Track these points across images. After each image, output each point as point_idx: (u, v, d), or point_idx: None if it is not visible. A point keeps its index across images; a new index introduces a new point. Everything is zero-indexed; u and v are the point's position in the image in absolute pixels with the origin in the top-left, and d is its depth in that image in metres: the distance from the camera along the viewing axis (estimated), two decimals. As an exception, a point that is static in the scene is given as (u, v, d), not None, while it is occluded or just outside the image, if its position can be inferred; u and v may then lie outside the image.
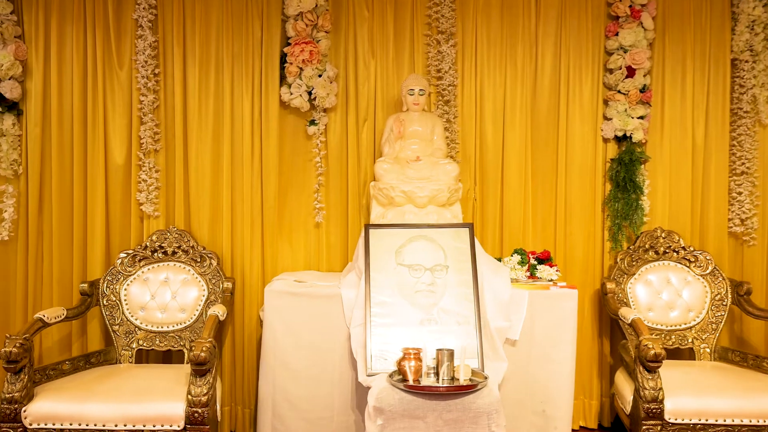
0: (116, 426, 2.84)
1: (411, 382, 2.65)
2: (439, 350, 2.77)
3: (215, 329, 3.06)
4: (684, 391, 3.04)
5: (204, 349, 2.81)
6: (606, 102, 3.85)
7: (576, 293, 3.18)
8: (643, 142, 3.85)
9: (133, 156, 3.72)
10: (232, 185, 3.76)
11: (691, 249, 3.76)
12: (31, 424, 2.83)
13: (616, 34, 3.78)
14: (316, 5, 3.65)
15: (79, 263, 3.69)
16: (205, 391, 2.83)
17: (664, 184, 3.89)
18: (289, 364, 3.14)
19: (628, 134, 3.79)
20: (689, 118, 3.87)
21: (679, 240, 3.78)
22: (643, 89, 3.79)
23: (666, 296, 3.68)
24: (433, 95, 3.82)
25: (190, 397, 2.82)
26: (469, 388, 2.62)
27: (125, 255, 3.60)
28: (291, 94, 3.68)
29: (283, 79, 3.74)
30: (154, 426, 2.84)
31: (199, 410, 2.82)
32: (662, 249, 3.76)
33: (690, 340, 3.64)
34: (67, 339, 3.71)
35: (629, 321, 3.24)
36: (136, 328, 3.50)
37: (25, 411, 2.82)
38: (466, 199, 3.85)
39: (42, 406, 2.84)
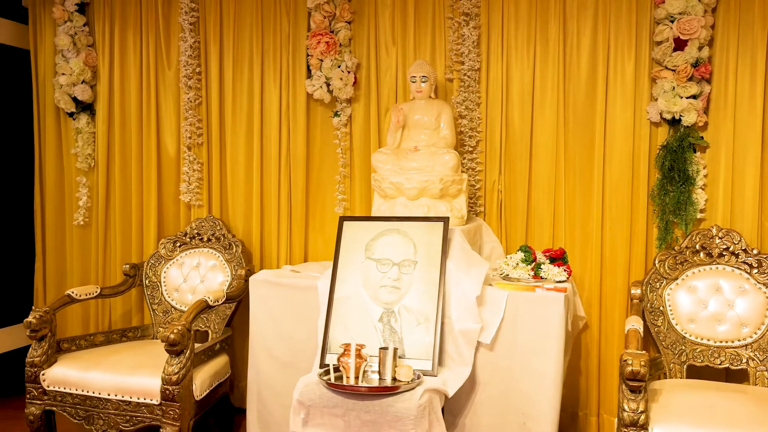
0: (109, 395, 3.14)
1: (332, 380, 2.58)
2: (382, 349, 2.67)
3: (198, 313, 3.22)
4: (685, 418, 2.57)
5: (175, 332, 2.99)
6: (654, 80, 3.35)
7: (562, 297, 2.82)
8: (699, 125, 3.28)
9: (180, 150, 4.04)
10: (261, 177, 3.91)
11: (755, 252, 3.15)
12: (48, 386, 3.23)
13: (664, 2, 3.26)
14: (332, -5, 3.65)
15: (137, 246, 4.10)
16: (176, 371, 3.01)
17: (726, 175, 3.28)
18: (271, 351, 3.21)
19: (677, 117, 3.26)
20: (760, 97, 3.22)
21: (740, 241, 3.18)
22: (695, 63, 3.23)
23: (713, 306, 3.13)
24: (456, 81, 3.61)
25: (163, 374, 3.03)
26: (386, 390, 2.49)
27: (167, 240, 3.92)
28: (313, 86, 3.73)
29: (310, 71, 3.80)
30: (138, 398, 3.10)
31: (170, 388, 3.01)
32: (717, 251, 3.20)
33: (744, 361, 3.07)
34: (129, 314, 4.16)
35: (625, 331, 2.82)
36: (172, 308, 3.81)
37: (43, 374, 3.23)
38: (491, 191, 3.61)
39: (57, 372, 3.23)
